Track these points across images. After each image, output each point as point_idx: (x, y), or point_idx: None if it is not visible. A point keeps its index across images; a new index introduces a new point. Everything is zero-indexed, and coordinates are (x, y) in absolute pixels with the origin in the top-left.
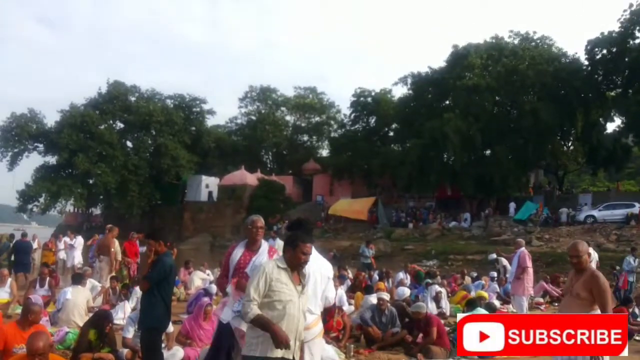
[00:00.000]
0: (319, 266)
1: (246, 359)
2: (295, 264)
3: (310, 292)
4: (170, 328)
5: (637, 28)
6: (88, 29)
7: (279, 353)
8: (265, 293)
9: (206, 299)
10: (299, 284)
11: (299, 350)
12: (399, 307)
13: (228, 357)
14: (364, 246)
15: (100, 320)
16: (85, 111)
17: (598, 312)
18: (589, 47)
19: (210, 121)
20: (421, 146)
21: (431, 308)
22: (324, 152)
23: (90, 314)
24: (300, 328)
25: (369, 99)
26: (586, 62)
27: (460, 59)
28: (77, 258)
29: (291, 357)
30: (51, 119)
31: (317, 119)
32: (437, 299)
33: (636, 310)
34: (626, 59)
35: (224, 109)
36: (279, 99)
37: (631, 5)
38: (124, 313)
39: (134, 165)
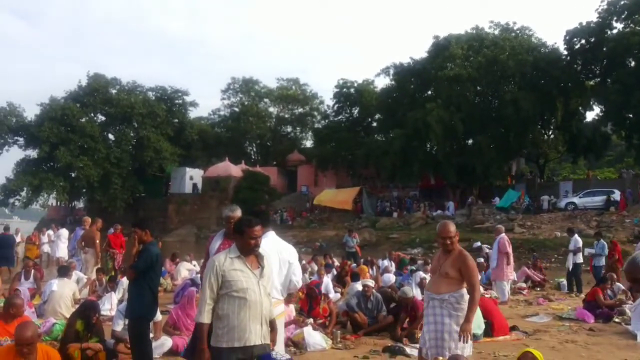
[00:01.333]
0: (278, 251)
1: (213, 350)
2: (247, 249)
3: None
4: (159, 316)
5: (615, 18)
6: (65, 22)
7: (245, 342)
8: (221, 285)
9: (193, 289)
10: (257, 268)
11: (267, 333)
12: (384, 294)
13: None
14: (347, 235)
15: (87, 310)
16: (65, 104)
17: (465, 289)
18: (567, 37)
19: (193, 113)
20: (404, 136)
21: (416, 294)
22: (308, 143)
23: (77, 306)
24: (265, 312)
25: (352, 90)
26: (565, 52)
27: (442, 49)
28: (62, 251)
29: (259, 342)
30: (31, 112)
31: (301, 110)
32: (421, 285)
33: (609, 292)
34: (604, 49)
35: (206, 101)
36: (262, 91)
37: None
38: (111, 304)
39: (116, 158)
